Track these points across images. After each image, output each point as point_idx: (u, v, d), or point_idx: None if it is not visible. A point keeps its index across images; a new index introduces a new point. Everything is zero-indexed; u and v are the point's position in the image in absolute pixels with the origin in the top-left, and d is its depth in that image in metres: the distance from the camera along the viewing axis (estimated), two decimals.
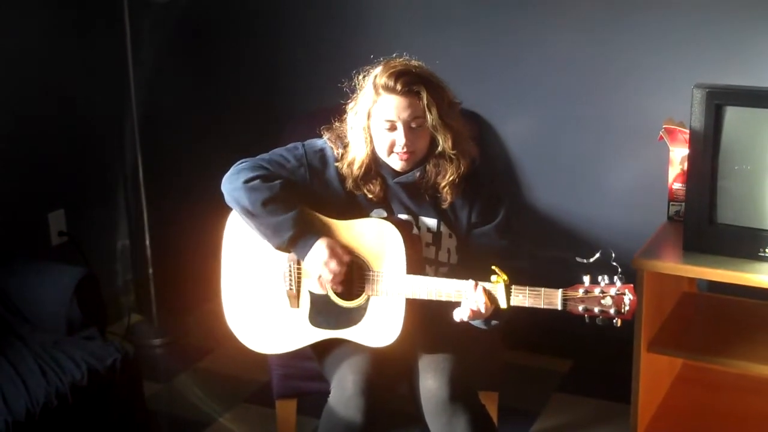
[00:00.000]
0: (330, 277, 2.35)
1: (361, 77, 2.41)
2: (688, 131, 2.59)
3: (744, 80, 2.64)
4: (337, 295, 2.39)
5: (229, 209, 2.47)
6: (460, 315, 2.26)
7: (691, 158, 2.57)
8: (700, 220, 2.57)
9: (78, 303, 2.82)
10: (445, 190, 2.38)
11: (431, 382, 2.32)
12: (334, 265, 2.33)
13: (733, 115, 2.49)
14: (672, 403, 2.94)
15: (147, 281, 3.74)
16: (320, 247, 2.34)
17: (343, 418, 2.30)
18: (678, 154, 2.79)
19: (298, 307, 2.44)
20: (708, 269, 2.55)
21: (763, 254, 2.52)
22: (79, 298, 2.82)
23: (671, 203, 2.86)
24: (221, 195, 2.46)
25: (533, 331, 3.15)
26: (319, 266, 2.35)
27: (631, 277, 2.47)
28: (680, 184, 2.79)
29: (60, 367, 2.65)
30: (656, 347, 2.71)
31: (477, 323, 2.33)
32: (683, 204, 2.71)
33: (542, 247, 3.29)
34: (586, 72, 3.18)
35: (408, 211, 2.42)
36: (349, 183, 2.40)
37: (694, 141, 2.53)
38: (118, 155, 3.72)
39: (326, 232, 2.38)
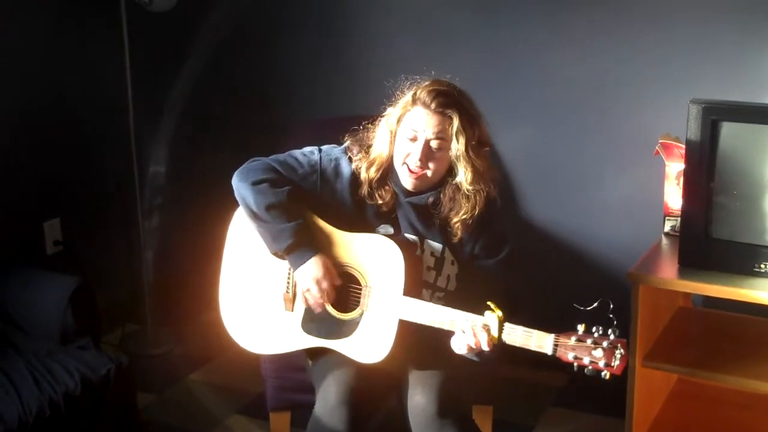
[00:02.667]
0: (318, 295, 2.35)
1: (407, 83, 2.40)
2: (684, 146, 2.59)
3: (740, 96, 2.65)
4: (333, 304, 2.39)
5: (226, 218, 2.47)
6: (458, 348, 2.26)
7: (687, 173, 2.57)
8: (696, 235, 2.57)
9: (72, 312, 2.81)
10: (456, 226, 2.37)
11: (419, 397, 2.32)
12: (325, 284, 2.34)
13: (728, 130, 2.49)
14: (667, 418, 2.94)
15: (142, 291, 3.73)
16: (315, 263, 2.34)
17: (326, 428, 2.29)
18: (674, 169, 2.80)
19: (292, 310, 2.43)
20: (703, 284, 2.55)
21: (758, 270, 2.51)
22: (73, 308, 2.82)
23: (667, 218, 2.86)
24: (220, 204, 2.46)
25: None
26: (309, 281, 2.35)
27: (625, 295, 2.47)
28: (676, 199, 2.79)
29: (53, 377, 2.64)
30: (651, 362, 2.70)
31: (469, 355, 2.32)
32: (679, 219, 2.72)
33: (538, 262, 3.29)
34: (583, 86, 3.18)
35: (415, 232, 2.41)
36: (364, 189, 2.38)
37: (690, 156, 2.54)
38: (115, 164, 3.72)
39: (328, 243, 2.39)
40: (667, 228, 2.86)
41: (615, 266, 2.97)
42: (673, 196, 2.81)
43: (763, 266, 2.51)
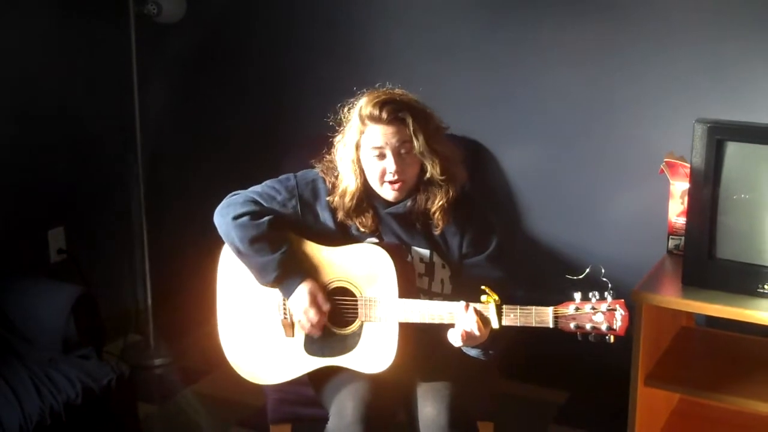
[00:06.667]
0: (308, 325, 2.36)
1: (346, 110, 2.42)
2: (688, 165, 2.60)
3: (745, 116, 2.64)
4: (331, 322, 2.39)
5: None
6: (453, 338, 2.26)
7: (692, 193, 2.57)
8: (700, 254, 2.57)
9: (75, 322, 2.82)
10: (436, 215, 2.38)
11: (430, 409, 2.31)
12: (312, 314, 2.35)
13: (733, 150, 2.49)
14: None
15: (145, 301, 3.73)
16: (302, 293, 2.35)
17: None
18: (678, 188, 2.80)
19: (293, 336, 2.43)
20: (706, 304, 2.55)
21: (761, 290, 2.51)
22: (76, 317, 2.82)
23: (671, 237, 2.86)
24: None
25: (530, 361, 3.14)
26: (299, 312, 2.36)
27: (623, 296, 2.47)
28: (680, 218, 2.79)
29: (55, 386, 2.64)
30: (653, 381, 2.70)
31: (475, 353, 2.33)
32: (683, 238, 2.71)
33: (541, 278, 3.29)
34: (589, 104, 3.19)
35: (400, 242, 2.42)
36: (341, 214, 2.41)
37: (695, 175, 2.54)
38: (119, 174, 3.73)
39: (315, 264, 2.39)
40: (670, 247, 2.86)
41: (618, 284, 2.95)
42: (678, 215, 2.81)
43: (766, 287, 2.50)
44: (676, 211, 2.81)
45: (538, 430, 3.21)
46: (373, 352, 2.34)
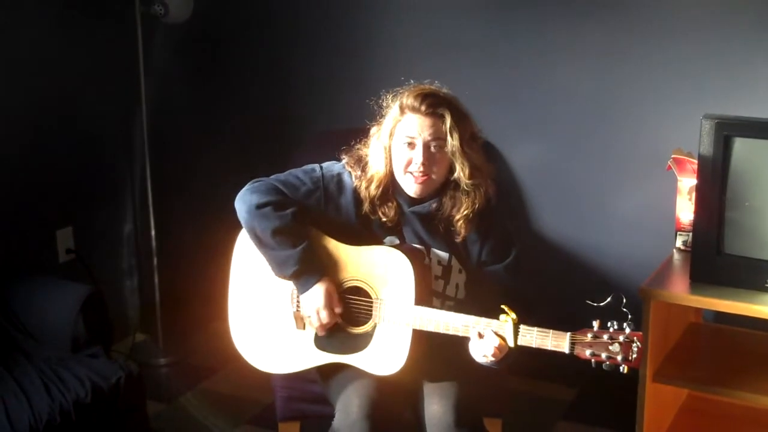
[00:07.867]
0: (318, 324, 2.37)
1: (389, 97, 2.42)
2: (696, 161, 2.59)
3: (753, 112, 2.64)
4: (344, 320, 2.39)
5: (236, 229, 2.48)
6: (475, 354, 2.26)
7: (699, 189, 2.57)
8: (708, 250, 2.57)
9: (83, 321, 2.82)
10: (459, 223, 2.38)
11: (436, 407, 2.32)
12: (324, 315, 2.35)
13: (741, 146, 2.49)
14: None
15: (153, 300, 3.74)
16: (317, 292, 2.35)
17: None
18: (686, 184, 2.79)
19: (303, 328, 2.44)
20: (714, 300, 2.55)
21: None
22: (84, 316, 2.83)
23: (679, 233, 2.85)
24: (230, 215, 2.46)
25: (539, 358, 3.13)
26: (311, 310, 2.36)
27: (638, 308, 2.47)
28: (688, 214, 2.79)
29: (64, 385, 2.65)
30: (661, 377, 2.70)
31: (485, 362, 2.32)
32: (690, 234, 2.71)
33: (549, 276, 3.29)
34: (596, 101, 3.19)
35: (420, 242, 2.41)
36: (366, 206, 2.39)
37: (703, 171, 2.53)
38: (127, 173, 3.74)
39: (334, 261, 2.39)
40: (678, 243, 2.86)
41: (626, 281, 2.96)
42: (685, 211, 2.81)
43: None
44: (684, 208, 2.81)
45: (547, 427, 3.21)
46: (384, 354, 2.34)
